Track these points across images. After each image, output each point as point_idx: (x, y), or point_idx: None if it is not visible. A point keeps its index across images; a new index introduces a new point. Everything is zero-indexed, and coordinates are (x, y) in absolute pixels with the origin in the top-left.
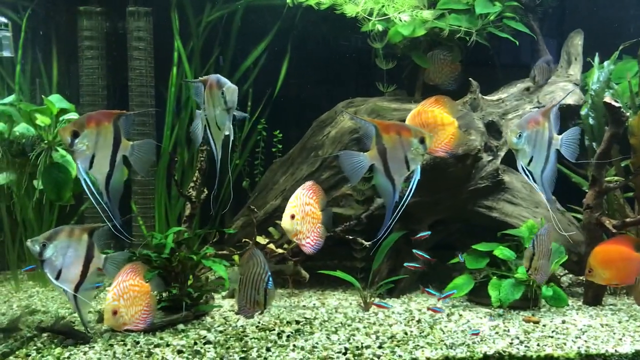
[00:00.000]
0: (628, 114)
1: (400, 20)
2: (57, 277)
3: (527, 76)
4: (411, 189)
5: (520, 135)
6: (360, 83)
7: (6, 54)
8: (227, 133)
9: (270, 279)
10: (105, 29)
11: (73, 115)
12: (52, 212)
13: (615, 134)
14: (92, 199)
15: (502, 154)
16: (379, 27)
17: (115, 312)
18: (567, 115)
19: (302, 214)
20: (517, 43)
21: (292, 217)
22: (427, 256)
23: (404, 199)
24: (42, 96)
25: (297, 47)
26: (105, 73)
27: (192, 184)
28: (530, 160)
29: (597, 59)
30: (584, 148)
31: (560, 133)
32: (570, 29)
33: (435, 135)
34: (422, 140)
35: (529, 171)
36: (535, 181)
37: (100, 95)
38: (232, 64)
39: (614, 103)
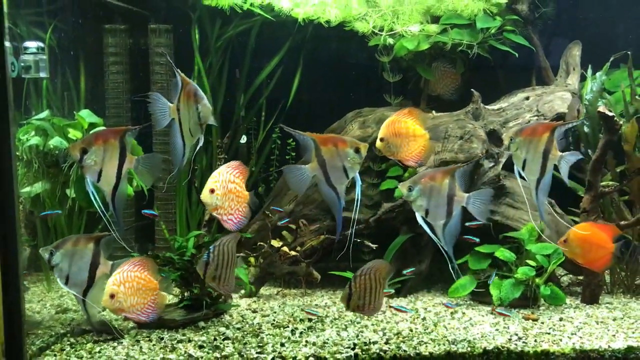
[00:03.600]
0: (621, 122)
1: (408, 33)
2: (67, 282)
3: (527, 85)
4: (358, 196)
5: (411, 189)
6: (369, 94)
7: (42, 75)
8: (200, 143)
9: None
10: (129, 45)
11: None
12: (81, 218)
13: (609, 141)
14: (98, 210)
15: (503, 160)
16: (390, 41)
17: (112, 296)
18: None
19: (225, 190)
20: (517, 55)
21: (212, 191)
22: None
23: (355, 205)
24: (75, 112)
25: (309, 60)
26: (129, 87)
27: None
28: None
29: (590, 70)
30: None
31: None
32: (568, 40)
33: (406, 145)
34: (357, 150)
35: (427, 223)
36: (436, 235)
37: (125, 107)
38: (247, 76)
39: (607, 112)
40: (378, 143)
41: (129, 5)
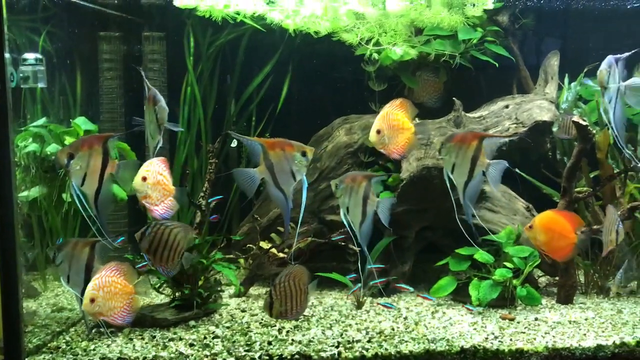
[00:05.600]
0: (594, 131)
1: (392, 52)
2: (68, 282)
3: (509, 94)
4: (304, 197)
5: (337, 186)
6: (356, 101)
7: (40, 85)
8: (160, 144)
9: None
10: (123, 52)
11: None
12: (76, 220)
13: (583, 149)
14: (82, 212)
15: None
16: (375, 56)
17: (92, 300)
18: (543, 131)
19: (154, 180)
20: (497, 65)
21: (144, 179)
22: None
23: (302, 205)
24: (71, 119)
25: (298, 68)
26: (123, 92)
27: (201, 194)
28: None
29: (567, 79)
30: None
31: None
32: (547, 50)
33: (396, 138)
34: (303, 154)
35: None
36: (353, 229)
37: (119, 112)
38: (238, 82)
39: (581, 122)
40: (372, 135)
41: (123, 13)
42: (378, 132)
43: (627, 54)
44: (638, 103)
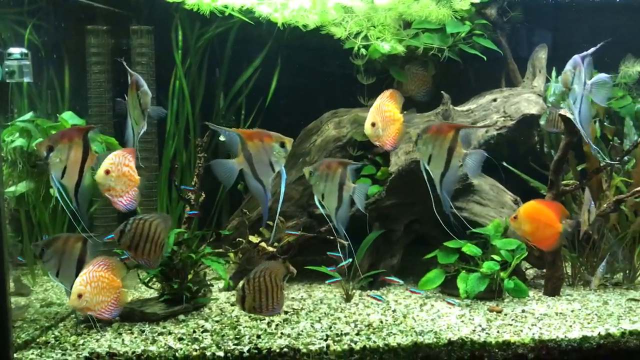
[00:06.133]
0: None
1: (380, 47)
2: (57, 275)
3: (497, 87)
4: (282, 188)
5: (311, 174)
6: (345, 95)
7: (26, 79)
8: (143, 129)
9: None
10: (110, 45)
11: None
12: (65, 215)
13: (569, 142)
14: (63, 204)
15: None
16: (363, 51)
17: (80, 296)
18: (531, 124)
19: (119, 173)
20: (486, 58)
21: (107, 172)
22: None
23: (280, 197)
24: (58, 114)
25: (287, 61)
26: (111, 86)
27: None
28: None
29: (554, 73)
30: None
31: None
32: (536, 43)
33: (389, 129)
34: (282, 145)
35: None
36: (330, 217)
37: (107, 106)
38: (227, 76)
39: (568, 115)
40: (367, 128)
41: (110, 7)
42: (373, 124)
43: (592, 50)
44: (603, 99)
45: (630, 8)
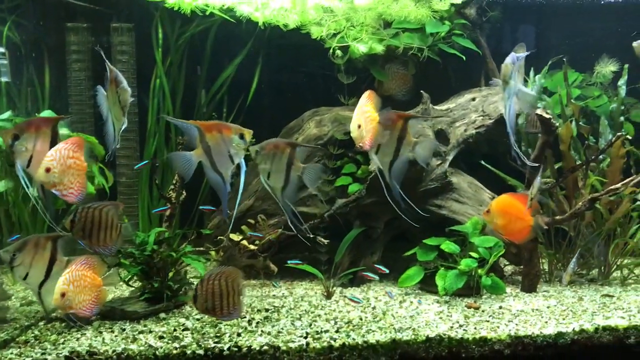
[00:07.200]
0: (557, 123)
1: (357, 49)
2: (25, 278)
3: (475, 86)
4: (242, 180)
5: (257, 153)
6: (326, 93)
7: (4, 79)
8: (124, 126)
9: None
10: (91, 43)
11: (64, 130)
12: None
13: (546, 141)
14: (29, 193)
15: (450, 158)
16: (339, 53)
17: (63, 295)
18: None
19: (63, 167)
20: (464, 58)
21: (48, 170)
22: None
23: (240, 188)
24: (36, 114)
25: (268, 59)
26: (91, 84)
27: (172, 187)
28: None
29: (532, 73)
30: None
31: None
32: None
33: (368, 129)
34: (241, 136)
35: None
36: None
37: (87, 104)
38: (208, 73)
39: (544, 114)
40: (354, 130)
41: (91, 4)
42: (359, 126)
43: (525, 54)
44: (522, 110)
45: (607, 9)
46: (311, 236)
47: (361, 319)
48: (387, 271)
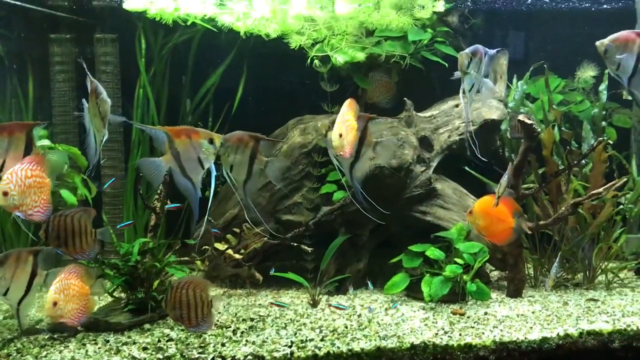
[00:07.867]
0: (539, 129)
1: (336, 59)
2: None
3: (458, 93)
4: (212, 185)
5: (222, 145)
6: (310, 102)
7: None
8: (105, 137)
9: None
10: (74, 54)
11: (45, 142)
12: (29, 225)
13: (529, 147)
14: None
15: (434, 164)
16: (317, 63)
17: (55, 304)
18: (492, 129)
19: (22, 188)
20: (447, 65)
21: (5, 194)
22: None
23: (210, 193)
24: None
25: (252, 68)
26: (75, 95)
27: (156, 197)
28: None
29: (515, 79)
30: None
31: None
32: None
33: (348, 137)
34: (211, 141)
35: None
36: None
37: (71, 115)
38: (192, 82)
39: (527, 120)
40: (335, 139)
41: (74, 15)
42: (340, 135)
43: (494, 50)
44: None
45: (588, 15)
46: (295, 245)
47: (346, 327)
48: (347, 307)
